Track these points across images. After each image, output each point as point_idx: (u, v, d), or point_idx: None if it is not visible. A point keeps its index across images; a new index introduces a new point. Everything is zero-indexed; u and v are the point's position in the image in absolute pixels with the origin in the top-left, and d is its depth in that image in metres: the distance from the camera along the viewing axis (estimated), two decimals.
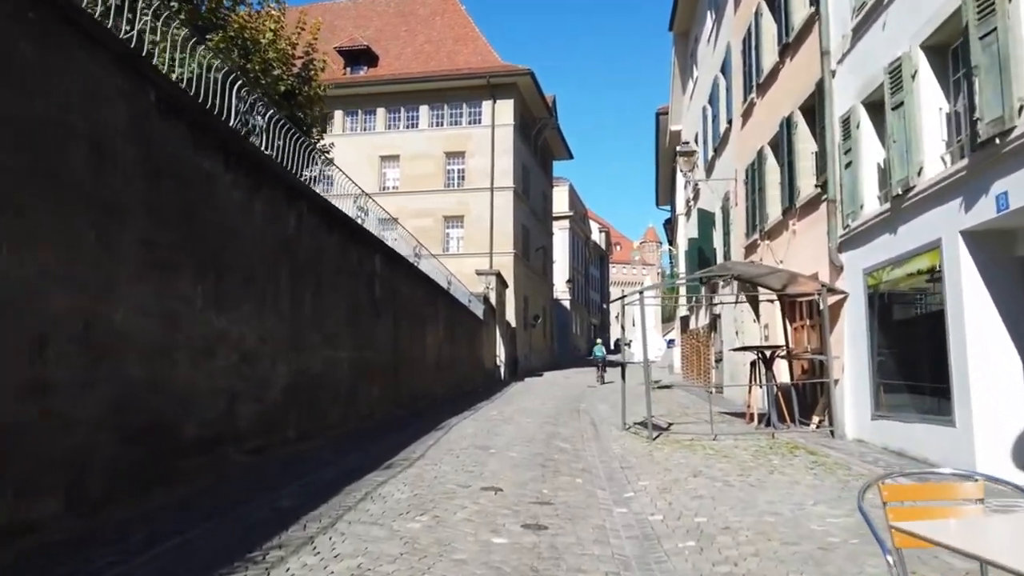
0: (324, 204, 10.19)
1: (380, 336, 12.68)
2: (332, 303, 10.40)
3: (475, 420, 13.41)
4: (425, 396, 16.15)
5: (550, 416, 14.88)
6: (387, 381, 13.02)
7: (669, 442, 10.96)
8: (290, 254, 8.98)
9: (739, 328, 17.45)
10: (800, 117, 13.00)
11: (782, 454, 9.59)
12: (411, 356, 14.90)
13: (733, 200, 17.64)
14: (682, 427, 12.86)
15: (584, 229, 63.55)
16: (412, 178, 34.89)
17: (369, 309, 12.12)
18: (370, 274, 12.22)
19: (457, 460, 8.84)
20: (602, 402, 18.87)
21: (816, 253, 12.13)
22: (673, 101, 28.85)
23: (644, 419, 13.58)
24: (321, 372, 9.88)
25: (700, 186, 22.44)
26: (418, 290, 15.66)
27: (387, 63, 36.79)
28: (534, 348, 38.77)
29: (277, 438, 8.41)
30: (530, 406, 17.11)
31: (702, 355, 22.24)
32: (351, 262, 11.30)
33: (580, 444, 10.96)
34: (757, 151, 15.27)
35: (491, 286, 29.16)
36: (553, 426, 13.15)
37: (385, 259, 13.06)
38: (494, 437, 11.11)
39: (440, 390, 17.76)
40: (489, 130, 34.45)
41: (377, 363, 12.48)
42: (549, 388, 24.54)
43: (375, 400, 12.30)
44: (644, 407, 14.36)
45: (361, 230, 11.90)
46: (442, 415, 13.89)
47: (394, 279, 13.71)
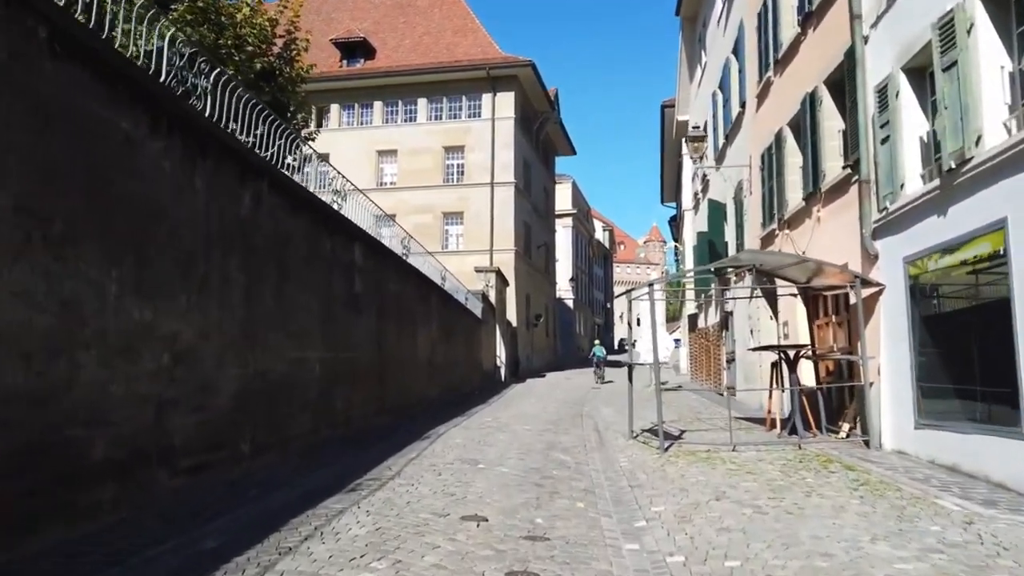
0: (289, 184, 8.87)
1: (361, 335, 11.37)
2: (300, 297, 9.09)
3: (467, 428, 12.08)
4: (415, 400, 14.83)
5: (550, 422, 13.55)
6: (369, 385, 11.71)
7: (683, 453, 9.62)
8: (245, 238, 7.67)
9: (754, 326, 16.11)
10: (825, 92, 11.65)
11: (815, 469, 8.24)
12: (399, 357, 13.58)
13: (747, 189, 16.29)
14: (696, 435, 11.52)
15: (587, 227, 62.19)
16: (410, 173, 33.61)
17: (347, 305, 10.81)
18: (348, 265, 10.91)
19: (438, 479, 7.51)
20: (606, 405, 17.53)
21: (845, 242, 10.79)
22: (680, 90, 27.51)
23: (654, 426, 12.27)
24: (285, 375, 8.57)
25: (710, 176, 21.10)
26: (407, 285, 14.35)
27: (385, 55, 35.51)
28: (536, 348, 37.44)
29: (224, 454, 7.10)
30: (529, 410, 15.78)
31: (712, 355, 20.89)
32: (324, 251, 9.99)
33: (583, 456, 9.62)
34: (775, 134, 13.93)
35: (491, 284, 27.85)
36: (553, 434, 11.82)
37: (367, 250, 11.75)
38: (486, 448, 9.79)
39: (433, 393, 16.44)
40: (489, 123, 33.16)
41: (357, 365, 11.17)
42: (551, 390, 23.21)
43: (354, 406, 10.99)
44: (653, 412, 13.05)
45: (337, 216, 10.58)
46: (432, 422, 12.57)
47: (379, 272, 12.40)
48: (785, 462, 8.76)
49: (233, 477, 7.06)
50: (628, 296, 11.76)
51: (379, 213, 15.46)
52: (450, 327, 18.81)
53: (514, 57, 33.44)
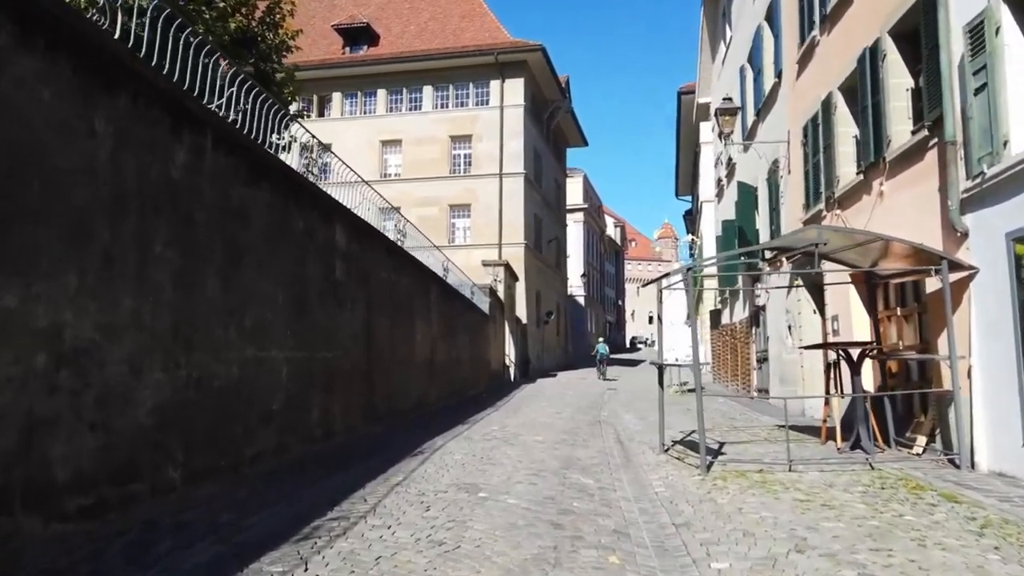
0: (245, 143, 7.10)
1: (344, 331, 9.60)
2: (261, 284, 7.32)
3: (469, 439, 10.28)
4: (412, 406, 13.05)
5: (565, 431, 11.74)
6: (355, 389, 9.94)
7: (731, 474, 7.79)
8: (178, 206, 5.91)
9: (793, 322, 14.24)
10: (890, 44, 9.77)
11: (909, 501, 6.39)
12: (392, 356, 11.80)
13: (785, 167, 14.41)
14: (738, 448, 9.68)
15: (599, 222, 60.28)
16: (415, 164, 31.88)
17: (326, 295, 9.04)
18: (327, 249, 9.14)
19: (425, 516, 5.73)
20: (626, 410, 15.71)
21: (918, 218, 8.92)
22: (701, 71, 25.62)
23: (686, 436, 10.44)
24: (238, 380, 6.80)
25: (737, 159, 19.23)
26: (403, 275, 12.57)
27: (389, 42, 33.81)
28: (547, 347, 35.62)
29: (141, 487, 5.33)
30: (541, 416, 13.98)
31: (740, 354, 19.02)
32: (295, 230, 8.21)
33: (607, 477, 7.81)
34: (821, 101, 12.06)
35: (499, 278, 26.06)
36: (570, 447, 10.01)
37: (352, 231, 9.98)
38: (489, 468, 7.99)
39: (434, 397, 14.67)
40: (498, 111, 31.38)
41: (339, 366, 9.40)
42: (563, 392, 21.40)
43: (335, 415, 9.22)
44: (678, 418, 11.25)
45: (312, 189, 8.81)
46: (429, 432, 10.79)
47: (367, 259, 10.63)
48: (864, 488, 6.92)
49: (143, 522, 5.29)
50: (659, 286, 9.91)
51: (384, 205, 13.78)
52: (453, 323, 17.04)
53: (523, 41, 31.64)
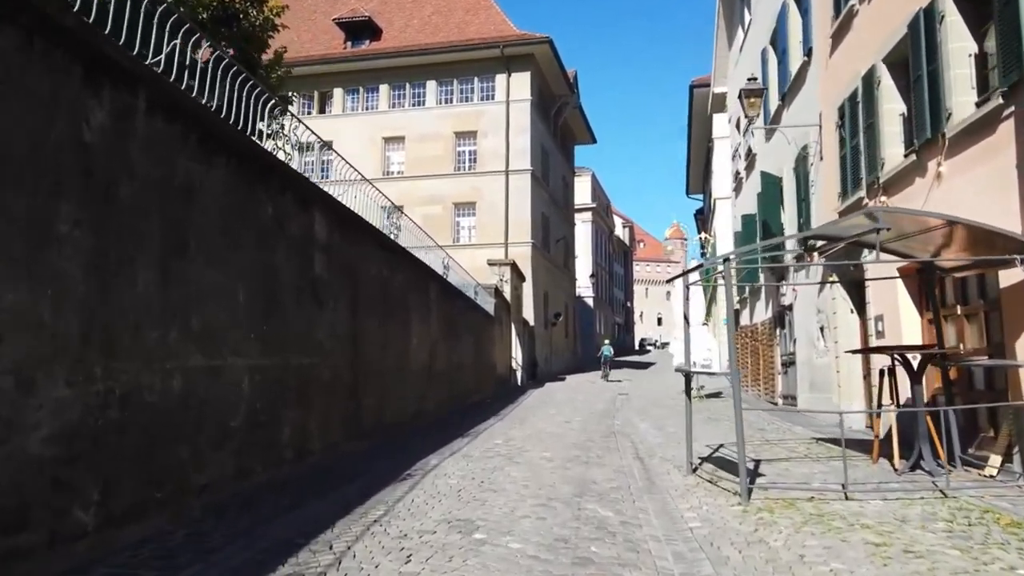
0: (193, 109, 5.85)
1: (324, 334, 8.33)
2: (214, 278, 6.07)
3: (468, 457, 8.98)
4: (408, 417, 11.79)
5: (577, 445, 10.43)
6: (337, 401, 8.66)
7: (777, 504, 6.48)
8: (93, 177, 4.67)
9: (826, 322, 12.90)
10: (949, 3, 8.47)
11: (1013, 545, 5.08)
12: (383, 363, 10.53)
13: (815, 154, 13.09)
14: (777, 467, 8.37)
15: (608, 222, 58.92)
16: (418, 161, 30.68)
17: (302, 293, 7.78)
18: (304, 240, 7.88)
19: (403, 572, 4.46)
20: (641, 418, 14.40)
21: (987, 201, 7.59)
22: (717, 59, 24.28)
23: (714, 451, 9.13)
24: (181, 394, 5.54)
25: (758, 150, 17.90)
26: (397, 272, 11.29)
27: (391, 36, 32.62)
28: (555, 349, 34.32)
29: (33, 539, 4.07)
30: (549, 427, 12.68)
31: (763, 358, 17.67)
32: (260, 217, 6.96)
33: (629, 509, 6.51)
34: (862, 76, 10.74)
35: (505, 278, 24.79)
36: (583, 465, 8.71)
37: (335, 221, 8.71)
38: (489, 496, 6.70)
39: (432, 406, 13.40)
40: (503, 107, 30.15)
41: (318, 374, 8.13)
42: (573, 397, 20.09)
43: (312, 432, 7.95)
44: (700, 430, 10.01)
45: (283, 169, 7.55)
46: (423, 447, 9.52)
47: (353, 253, 9.37)
48: (947, 525, 5.60)
49: (49, 574, 4.04)
50: (685, 281, 8.59)
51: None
52: (455, 325, 15.77)
53: (530, 34, 30.41)
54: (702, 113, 31.76)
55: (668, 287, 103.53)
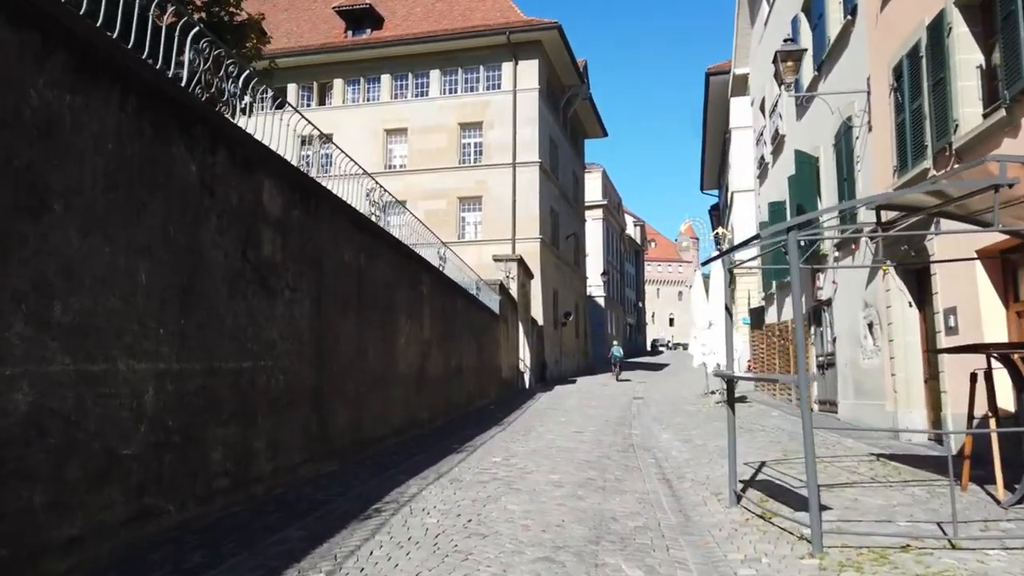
0: (42, 5, 4.16)
1: (275, 332, 6.64)
2: (99, 252, 4.40)
3: (457, 482, 7.25)
4: (393, 430, 10.08)
5: (590, 463, 8.69)
6: (295, 413, 6.96)
7: (864, 557, 4.72)
8: None
9: (876, 318, 11.11)
10: None
11: None
12: (361, 367, 8.83)
13: (863, 124, 11.31)
14: (843, 496, 6.58)
15: (619, 220, 57.08)
16: (422, 154, 29.02)
17: (241, 279, 6.09)
18: (245, 212, 6.19)
19: None
20: (662, 427, 12.64)
21: None
22: (738, 38, 22.48)
23: (757, 472, 7.33)
24: (27, 414, 3.87)
25: (787, 130, 16.11)
26: (379, 261, 9.59)
27: (393, 24, 31.00)
28: (565, 350, 32.55)
29: None
30: (558, 438, 10.94)
31: (793, 359, 15.86)
32: (179, 179, 5.26)
33: (664, 564, 4.73)
34: (927, 25, 8.96)
35: (512, 274, 23.08)
36: (598, 493, 6.97)
37: (292, 193, 7.03)
38: (475, 547, 4.97)
39: (426, 416, 11.69)
40: (510, 96, 28.43)
41: (266, 381, 6.44)
42: (585, 402, 18.33)
43: (260, 452, 6.25)
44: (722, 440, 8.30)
45: (215, 121, 5.86)
46: (404, 468, 7.81)
47: (319, 233, 7.67)
48: None
49: None
50: (725, 263, 6.83)
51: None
52: (454, 324, 14.07)
53: (537, 20, 28.71)
54: (719, 102, 29.99)
55: (680, 287, 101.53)
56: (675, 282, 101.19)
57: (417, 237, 12.71)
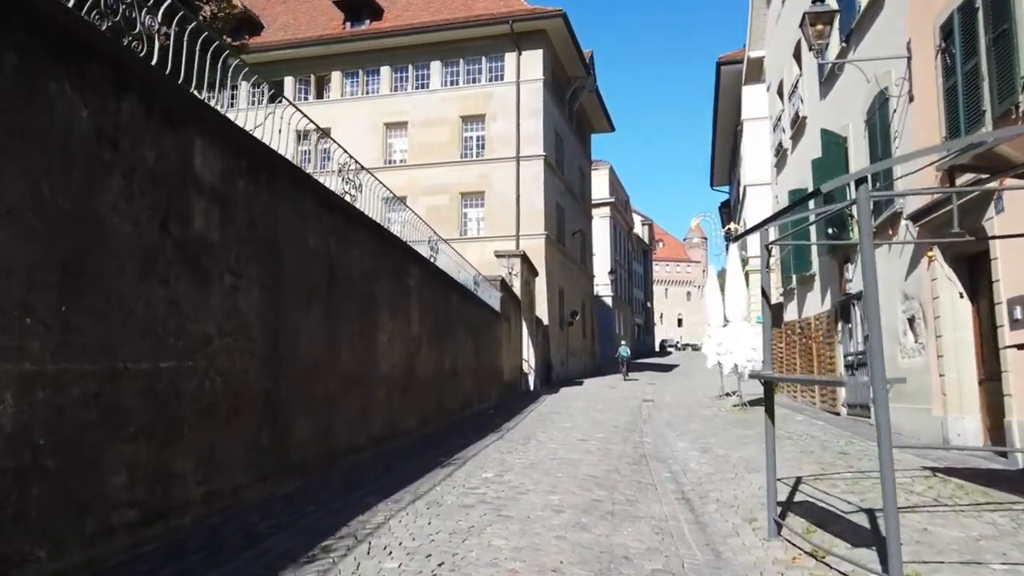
0: None
1: (212, 324, 5.41)
2: None
3: (434, 507, 5.99)
4: (373, 439, 8.83)
5: (597, 479, 7.43)
6: (239, 423, 5.72)
7: None
8: None
9: (919, 312, 9.80)
10: None
11: None
12: (329, 368, 7.58)
13: (903, 94, 10.01)
14: (909, 525, 5.24)
15: (626, 219, 55.70)
16: (422, 148, 27.82)
17: (159, 257, 4.86)
18: (169, 176, 4.96)
19: None
20: (676, 433, 11.34)
21: None
22: (752, 19, 21.15)
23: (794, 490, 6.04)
24: None
25: (809, 112, 14.78)
26: (354, 246, 8.34)
27: (394, 15, 29.81)
28: (572, 351, 31.25)
29: None
30: (561, 448, 9.66)
31: (817, 358, 14.54)
32: (59, 125, 4.06)
33: None
34: None
35: (515, 271, 21.83)
36: (607, 519, 5.69)
37: (234, 158, 5.80)
38: None
39: (414, 421, 10.43)
40: (514, 87, 27.19)
41: (197, 385, 5.21)
42: (592, 405, 17.05)
43: (186, 474, 5.01)
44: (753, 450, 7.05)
45: (116, 57, 4.63)
46: (374, 487, 6.57)
47: (274, 209, 6.44)
48: None
49: None
50: (764, 238, 5.54)
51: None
52: (448, 322, 12.82)
53: (541, 8, 27.45)
54: (730, 93, 28.72)
55: (688, 287, 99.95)
56: (684, 282, 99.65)
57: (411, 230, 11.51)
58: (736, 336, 15.08)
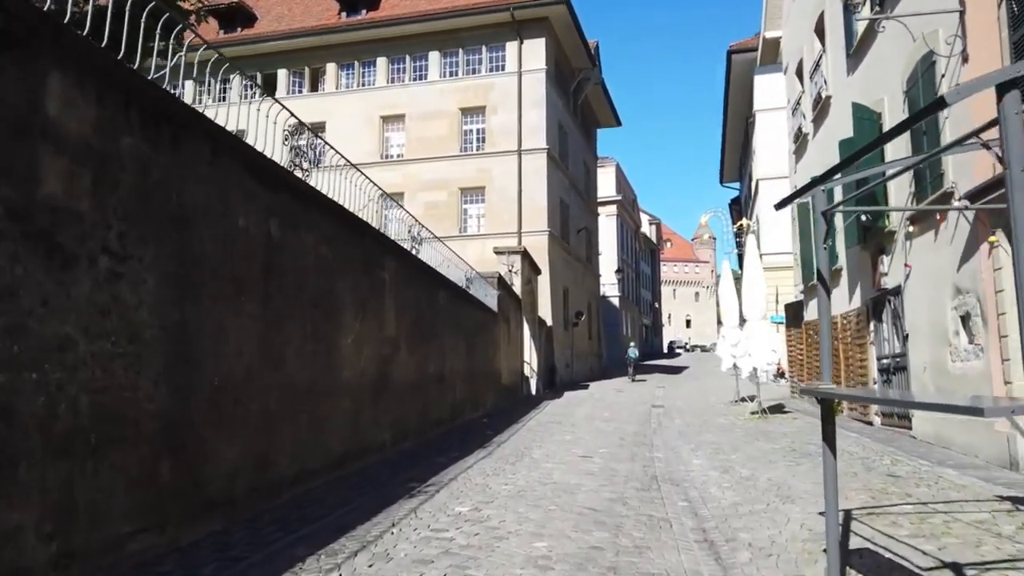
0: None
1: (68, 324, 4.00)
2: None
3: (380, 560, 4.57)
4: (332, 460, 7.40)
5: (597, 515, 5.96)
6: (115, 456, 4.31)
7: None
8: None
9: (975, 307, 8.31)
10: None
11: None
12: (264, 377, 6.14)
13: (951, 55, 8.53)
14: None
15: (634, 217, 54.12)
16: (420, 142, 26.48)
17: None
18: (2, 112, 3.59)
19: None
20: (691, 447, 9.87)
21: None
22: None
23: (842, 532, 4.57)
24: None
25: (834, 90, 13.27)
26: (301, 230, 6.91)
27: (390, 4, 28.45)
28: (577, 353, 29.77)
29: None
30: (557, 469, 8.19)
31: (845, 361, 13.03)
32: None
33: None
34: None
35: (515, 268, 20.39)
36: None
37: (108, 98, 4.39)
38: None
39: (388, 434, 8.99)
40: (515, 78, 25.82)
41: (48, 409, 3.80)
42: (597, 412, 15.58)
43: (25, 531, 3.62)
44: (782, 470, 5.58)
45: None
46: (316, 531, 5.17)
47: (182, 178, 5.04)
48: None
49: None
50: (818, 202, 4.09)
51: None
52: (433, 321, 11.39)
53: None
54: (742, 83, 27.27)
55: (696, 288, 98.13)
56: (692, 283, 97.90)
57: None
58: (754, 337, 13.59)
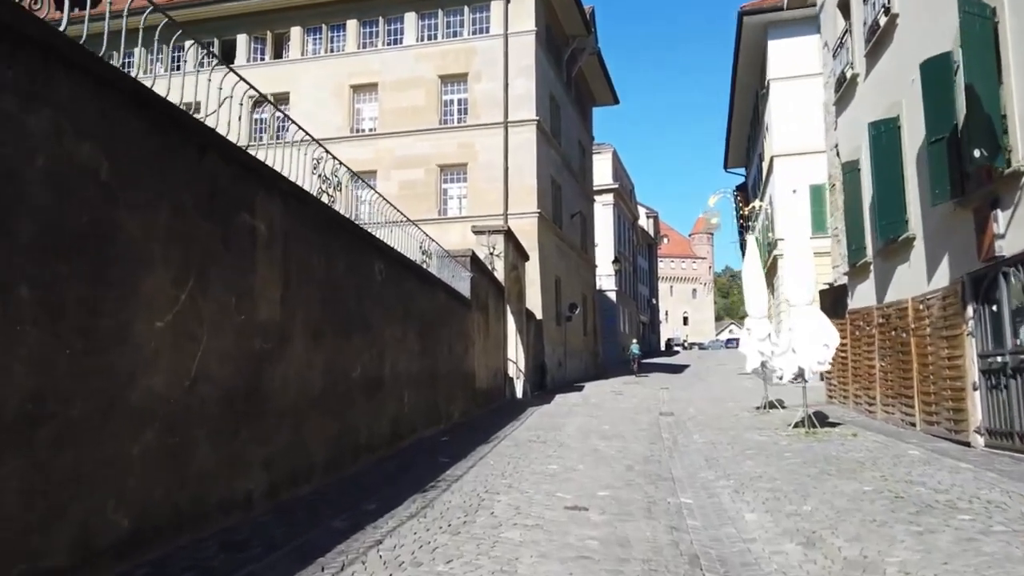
0: None
1: None
2: None
3: None
4: (90, 554, 4.04)
5: None
6: None
7: None
8: None
9: None
10: None
11: None
12: None
13: None
14: None
15: (631, 208, 50.71)
16: (395, 114, 23.13)
17: None
18: None
19: None
20: (730, 484, 6.48)
21: None
22: None
23: None
24: None
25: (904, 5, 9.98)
26: (41, 108, 3.62)
27: None
28: (570, 350, 26.40)
29: None
30: (527, 538, 4.82)
31: (919, 360, 9.66)
32: None
33: None
34: None
35: (497, 250, 17.03)
36: None
37: None
38: None
39: (260, 479, 5.56)
40: (501, 41, 22.48)
41: None
42: (592, 423, 12.19)
43: None
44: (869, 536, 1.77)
45: None
46: None
47: None
48: None
49: None
50: None
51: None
52: (362, 305, 8.01)
53: None
54: (754, 50, 24.09)
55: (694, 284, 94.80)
56: (689, 279, 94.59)
57: None
58: (801, 328, 10.26)
